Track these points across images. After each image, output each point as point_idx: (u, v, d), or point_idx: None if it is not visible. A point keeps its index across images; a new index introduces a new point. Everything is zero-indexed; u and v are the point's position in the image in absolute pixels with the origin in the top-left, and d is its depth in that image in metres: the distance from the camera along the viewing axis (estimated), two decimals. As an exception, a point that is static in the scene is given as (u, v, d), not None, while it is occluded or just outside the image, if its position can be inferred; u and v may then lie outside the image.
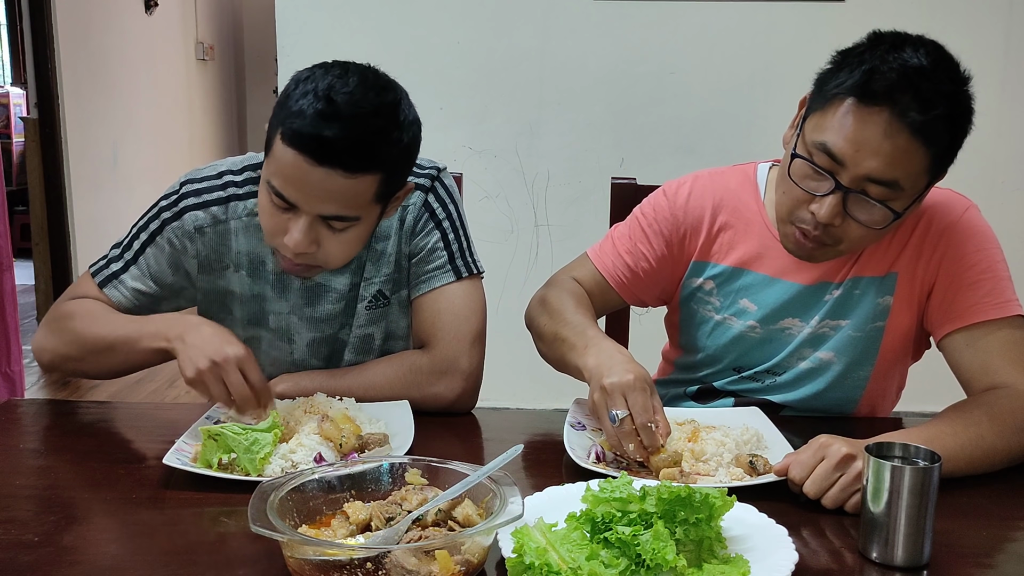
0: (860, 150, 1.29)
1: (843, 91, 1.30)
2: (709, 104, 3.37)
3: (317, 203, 1.32)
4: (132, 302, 1.52)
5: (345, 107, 1.27)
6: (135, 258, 1.53)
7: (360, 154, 1.29)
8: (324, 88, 1.28)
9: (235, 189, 1.52)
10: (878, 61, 1.28)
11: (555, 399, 1.90)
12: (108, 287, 1.52)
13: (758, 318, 1.54)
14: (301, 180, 1.30)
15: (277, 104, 1.35)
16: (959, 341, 1.42)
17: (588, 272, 1.63)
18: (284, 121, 1.30)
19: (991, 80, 3.32)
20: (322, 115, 1.27)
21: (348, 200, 1.33)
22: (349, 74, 1.31)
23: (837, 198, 1.33)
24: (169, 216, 1.51)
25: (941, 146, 1.29)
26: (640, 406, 1.25)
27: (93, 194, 4.95)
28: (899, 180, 1.30)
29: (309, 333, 1.57)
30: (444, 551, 0.94)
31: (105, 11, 5.15)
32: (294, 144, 1.29)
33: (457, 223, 1.57)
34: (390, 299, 1.58)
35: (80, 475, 1.25)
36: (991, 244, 1.45)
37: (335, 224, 1.35)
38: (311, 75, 1.32)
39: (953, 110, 1.29)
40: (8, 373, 3.27)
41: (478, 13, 3.34)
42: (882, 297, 1.49)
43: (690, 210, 1.57)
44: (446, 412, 1.51)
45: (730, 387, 1.61)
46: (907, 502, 1.01)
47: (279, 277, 1.54)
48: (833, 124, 1.31)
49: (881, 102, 1.27)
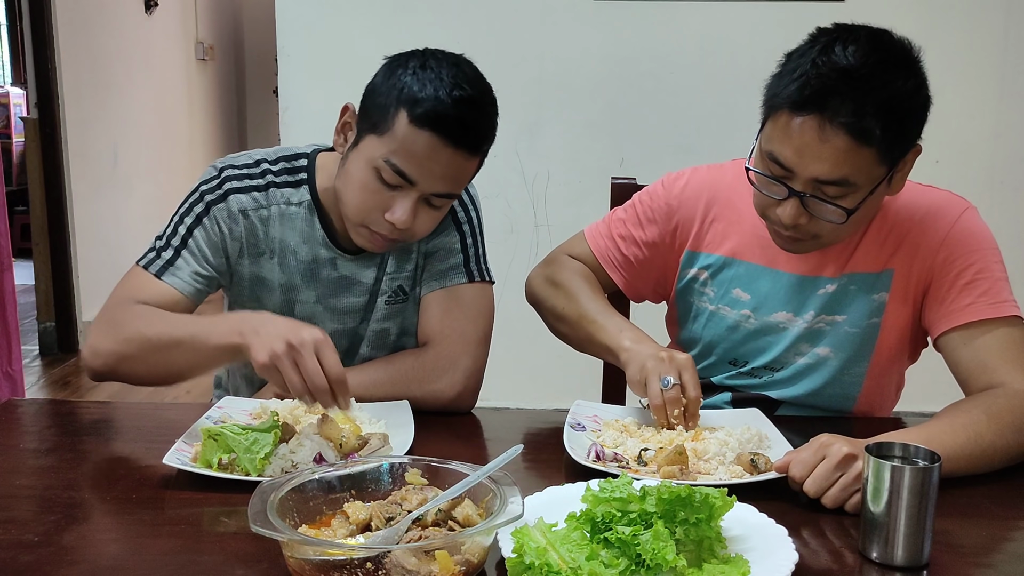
0: (803, 156, 1.32)
1: (779, 102, 1.34)
2: (708, 103, 3.37)
3: (437, 181, 1.41)
4: (193, 287, 1.49)
5: (476, 95, 1.40)
6: (183, 243, 1.50)
7: (485, 137, 1.44)
8: (451, 76, 1.38)
9: (272, 177, 1.55)
10: (809, 65, 1.31)
11: (555, 399, 1.91)
12: (166, 275, 1.48)
13: (751, 307, 1.57)
14: (431, 159, 1.39)
15: (390, 88, 1.40)
16: (956, 340, 1.43)
17: (584, 251, 1.69)
18: (415, 104, 1.37)
19: (990, 80, 3.32)
20: (461, 100, 1.37)
21: (460, 179, 1.44)
22: (463, 64, 1.43)
23: (795, 202, 1.37)
24: (213, 198, 1.52)
25: (882, 140, 1.30)
26: (693, 382, 1.40)
27: (93, 194, 4.95)
28: (848, 178, 1.32)
29: (332, 324, 1.58)
30: (444, 551, 0.94)
31: (105, 11, 5.14)
32: (430, 125, 1.37)
33: (476, 229, 1.62)
34: (409, 295, 1.60)
35: (80, 475, 1.25)
36: (988, 246, 1.46)
37: (436, 201, 1.44)
38: (424, 62, 1.40)
39: (887, 104, 1.29)
40: (8, 373, 3.27)
41: (478, 13, 3.34)
42: (877, 293, 1.50)
43: (685, 200, 1.60)
44: (446, 410, 1.51)
45: (728, 382, 1.62)
46: (907, 502, 1.01)
47: (309, 267, 1.56)
48: (777, 133, 1.35)
49: (812, 108, 1.30)
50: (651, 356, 1.41)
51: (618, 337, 1.48)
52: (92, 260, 4.86)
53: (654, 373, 1.39)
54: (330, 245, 1.55)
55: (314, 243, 1.55)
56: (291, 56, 3.34)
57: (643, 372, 1.41)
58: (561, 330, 1.64)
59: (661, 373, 1.39)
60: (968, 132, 3.32)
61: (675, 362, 1.40)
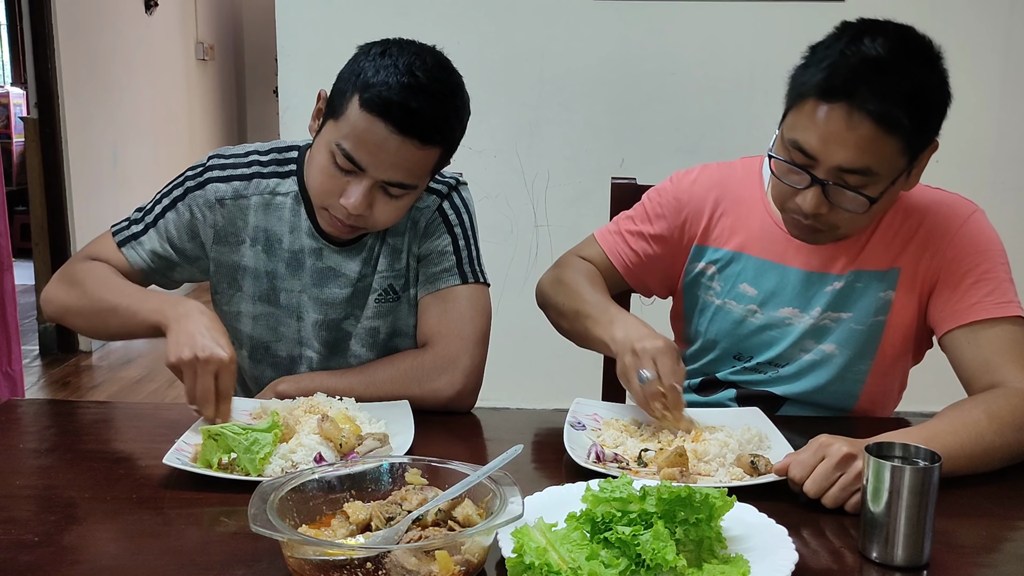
0: (828, 144, 1.33)
1: (806, 90, 1.35)
2: (709, 104, 3.37)
3: (386, 169, 1.40)
4: (147, 263, 1.58)
5: (430, 83, 1.38)
6: (155, 221, 1.59)
7: (436, 127, 1.40)
8: (406, 63, 1.38)
9: (259, 168, 1.58)
10: (837, 55, 1.33)
11: (555, 399, 1.91)
12: (126, 247, 1.58)
13: (758, 302, 1.57)
14: (377, 146, 1.38)
15: (350, 73, 1.41)
16: (960, 338, 1.43)
17: (595, 253, 1.69)
18: (365, 89, 1.37)
19: (991, 80, 3.32)
20: (410, 88, 1.36)
21: (413, 169, 1.42)
22: (425, 53, 1.42)
23: (817, 190, 1.37)
24: (193, 185, 1.57)
25: (907, 130, 1.32)
26: (668, 369, 1.36)
27: (93, 194, 4.95)
28: (871, 167, 1.33)
29: (316, 314, 1.59)
30: (444, 551, 0.94)
31: (105, 11, 5.14)
32: (377, 111, 1.36)
33: (469, 232, 1.62)
34: (400, 295, 1.60)
35: (80, 475, 1.25)
36: (995, 248, 1.47)
37: (393, 190, 1.43)
38: (386, 50, 1.40)
39: (913, 95, 1.31)
40: (8, 373, 3.27)
41: (478, 13, 3.34)
42: (884, 292, 1.51)
43: (694, 194, 1.62)
44: (445, 410, 1.52)
45: (733, 378, 1.62)
46: (907, 502, 1.01)
47: (293, 256, 1.58)
48: (802, 121, 1.36)
49: (840, 97, 1.31)
50: (629, 351, 1.39)
51: (609, 329, 1.48)
52: (92, 260, 4.85)
53: (631, 369, 1.38)
54: (316, 236, 1.56)
55: (300, 233, 1.57)
56: (291, 56, 3.34)
57: (623, 369, 1.41)
58: (563, 327, 1.64)
59: (637, 368, 1.38)
60: (970, 133, 3.32)
61: (647, 352, 1.37)
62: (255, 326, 1.61)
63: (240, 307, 1.61)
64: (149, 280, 1.61)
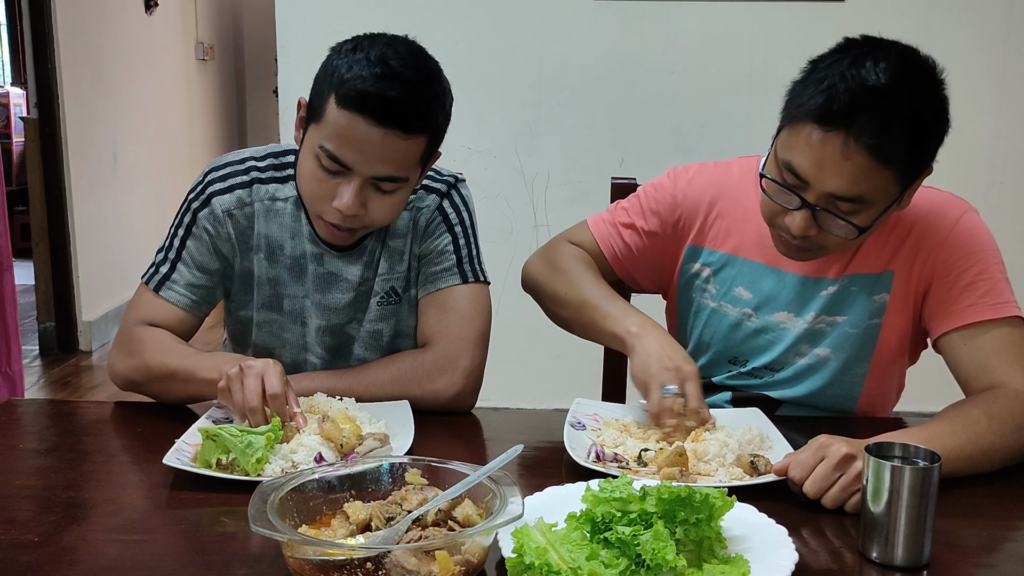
0: (822, 170, 1.31)
1: (804, 113, 1.32)
2: (709, 104, 3.37)
3: (373, 164, 1.38)
4: (189, 298, 1.55)
5: (404, 71, 1.36)
6: (178, 255, 1.56)
7: (417, 114, 1.37)
8: (378, 54, 1.36)
9: (257, 174, 1.56)
10: (838, 78, 1.29)
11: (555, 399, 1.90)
12: (163, 290, 1.55)
13: (753, 306, 1.57)
14: (360, 141, 1.36)
15: (325, 74, 1.41)
16: (956, 340, 1.43)
17: (586, 239, 1.68)
18: (340, 87, 1.36)
19: (991, 80, 3.31)
20: (384, 77, 1.34)
21: (400, 161, 1.39)
22: (397, 43, 1.40)
23: (806, 213, 1.36)
24: (198, 205, 1.55)
25: (902, 162, 1.30)
26: (696, 395, 1.38)
27: (93, 194, 4.94)
28: (863, 196, 1.32)
29: (319, 320, 1.59)
30: (444, 551, 0.94)
31: (105, 11, 5.14)
32: (354, 106, 1.35)
33: (469, 231, 1.61)
34: (402, 297, 1.60)
35: (80, 475, 1.25)
36: (989, 247, 1.46)
37: (384, 186, 1.41)
38: (357, 45, 1.40)
39: (912, 127, 1.29)
40: (8, 373, 3.28)
41: (477, 13, 3.34)
42: (878, 294, 1.50)
43: (690, 194, 1.60)
44: (445, 410, 1.52)
45: (728, 382, 1.62)
46: (907, 502, 1.02)
47: (296, 262, 1.57)
48: (797, 144, 1.33)
49: (838, 125, 1.28)
50: (658, 362, 1.40)
51: (623, 323, 1.48)
52: (92, 260, 4.86)
53: (656, 379, 1.39)
54: (317, 241, 1.56)
55: (301, 238, 1.56)
56: (291, 56, 3.34)
57: (646, 375, 1.40)
58: (562, 316, 1.63)
59: (664, 382, 1.38)
60: (968, 133, 3.31)
61: (680, 373, 1.39)
62: (259, 333, 1.61)
63: (251, 313, 1.60)
64: (200, 312, 1.58)
